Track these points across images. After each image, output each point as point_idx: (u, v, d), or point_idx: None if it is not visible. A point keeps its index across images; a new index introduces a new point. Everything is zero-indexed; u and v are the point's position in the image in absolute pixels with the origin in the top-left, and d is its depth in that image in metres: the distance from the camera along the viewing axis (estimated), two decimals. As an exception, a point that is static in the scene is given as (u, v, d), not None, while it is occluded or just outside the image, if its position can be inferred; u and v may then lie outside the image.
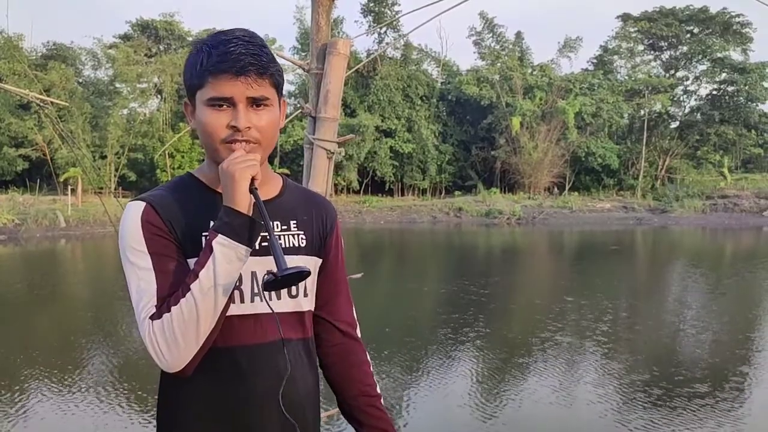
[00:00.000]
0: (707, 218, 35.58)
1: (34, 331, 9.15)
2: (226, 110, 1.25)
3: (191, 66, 1.27)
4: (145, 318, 1.20)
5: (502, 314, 10.47)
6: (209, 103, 1.25)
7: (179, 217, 1.29)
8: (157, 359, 1.21)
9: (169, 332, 1.18)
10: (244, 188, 1.21)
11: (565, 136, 40.91)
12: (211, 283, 1.19)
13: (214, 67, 1.23)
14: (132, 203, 1.30)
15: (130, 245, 1.26)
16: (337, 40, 2.23)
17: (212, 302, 1.19)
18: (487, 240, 27.01)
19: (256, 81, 1.25)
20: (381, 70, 42.63)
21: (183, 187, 1.36)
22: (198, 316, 1.19)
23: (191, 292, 1.19)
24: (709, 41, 41.71)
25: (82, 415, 5.62)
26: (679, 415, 5.45)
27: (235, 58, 1.22)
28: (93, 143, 38.47)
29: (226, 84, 1.23)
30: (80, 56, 43.25)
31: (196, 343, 1.20)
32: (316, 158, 2.24)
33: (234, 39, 1.25)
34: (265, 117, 1.28)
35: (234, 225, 1.20)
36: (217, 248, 1.19)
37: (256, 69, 1.24)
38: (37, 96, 4.07)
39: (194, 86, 1.27)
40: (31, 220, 26.74)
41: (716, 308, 10.90)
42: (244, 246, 1.22)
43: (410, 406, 5.82)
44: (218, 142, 1.26)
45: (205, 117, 1.26)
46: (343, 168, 39.28)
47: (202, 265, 1.20)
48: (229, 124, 1.25)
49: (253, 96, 1.25)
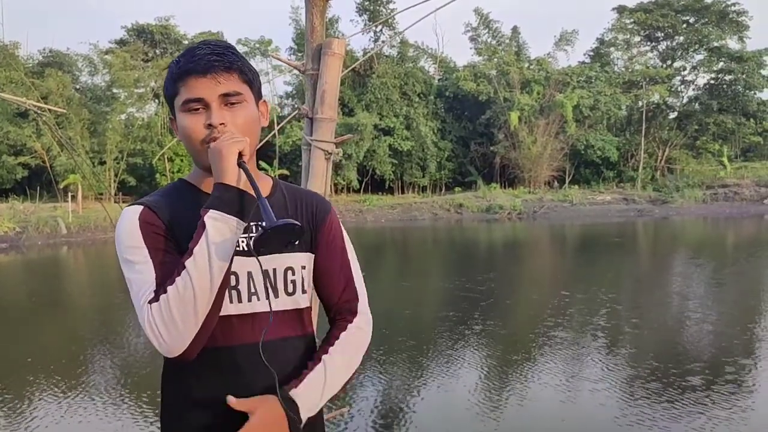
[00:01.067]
0: (708, 208, 35.55)
1: (39, 338, 9.15)
2: (201, 112, 1.28)
3: (167, 79, 1.32)
4: (144, 303, 1.21)
5: (504, 309, 10.47)
6: (184, 107, 1.28)
7: (176, 218, 1.31)
8: (157, 343, 1.21)
9: (166, 313, 1.19)
10: (232, 162, 1.23)
11: (563, 129, 40.89)
12: (206, 257, 1.19)
13: (181, 70, 1.28)
14: (128, 208, 1.31)
15: (127, 246, 1.27)
16: (332, 39, 2.23)
17: (207, 278, 1.20)
18: (489, 235, 27.00)
19: (222, 76, 1.28)
20: (378, 68, 42.61)
21: (176, 192, 1.38)
22: (195, 294, 1.19)
23: (186, 269, 1.19)
24: (706, 30, 41.65)
25: (87, 423, 5.62)
26: (684, 406, 5.45)
27: (200, 58, 1.27)
28: (92, 149, 38.49)
29: (195, 84, 1.27)
30: (77, 63, 43.24)
31: (195, 324, 1.20)
32: (314, 159, 2.24)
33: (200, 45, 1.30)
34: (241, 114, 1.30)
35: (224, 198, 1.22)
36: (209, 222, 1.21)
37: (221, 65, 1.28)
38: (34, 104, 4.06)
39: (170, 96, 1.32)
40: (33, 228, 26.75)
41: (719, 299, 10.89)
42: (236, 218, 1.23)
43: (415, 401, 5.81)
44: (198, 144, 1.29)
45: (183, 122, 1.29)
46: (342, 167, 39.27)
47: (195, 241, 1.21)
48: (205, 123, 1.27)
49: (224, 92, 1.28)
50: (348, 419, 5.42)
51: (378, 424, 5.36)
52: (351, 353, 1.40)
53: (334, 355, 1.37)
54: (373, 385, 6.40)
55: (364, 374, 6.75)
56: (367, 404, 5.82)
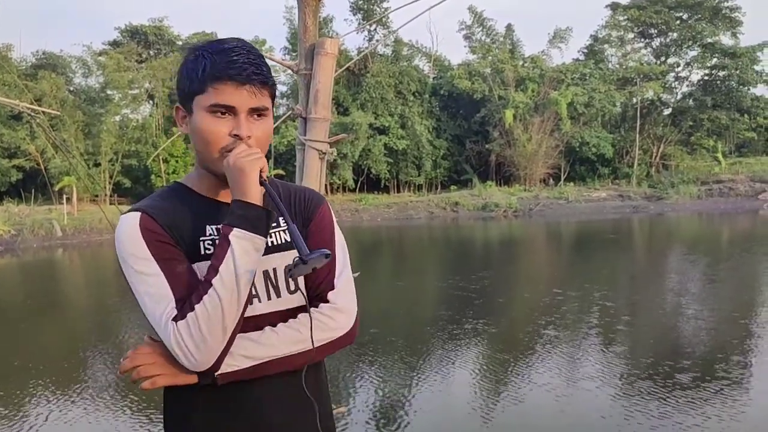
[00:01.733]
0: (703, 204, 35.64)
1: (35, 341, 9.13)
2: (227, 118, 1.26)
3: (191, 71, 1.27)
4: (168, 321, 1.21)
5: (499, 308, 10.49)
6: (211, 109, 1.25)
7: (176, 222, 1.30)
8: (186, 359, 1.21)
9: (195, 331, 1.19)
10: (255, 180, 1.23)
11: (558, 126, 40.90)
12: (232, 276, 1.20)
13: (220, 73, 1.24)
14: (126, 215, 1.30)
15: (132, 255, 1.25)
16: (324, 39, 2.23)
17: (235, 295, 1.21)
18: (485, 233, 27.03)
19: (259, 91, 1.27)
20: (372, 67, 42.55)
21: (174, 195, 1.36)
22: (223, 311, 1.19)
23: (214, 287, 1.20)
24: (699, 27, 41.67)
25: (85, 424, 5.61)
26: (678, 402, 5.47)
27: (240, 66, 1.24)
28: (86, 151, 38.34)
29: (230, 92, 1.24)
30: (70, 64, 43.01)
31: (223, 339, 1.22)
32: (309, 159, 2.24)
33: (236, 48, 1.26)
34: (263, 127, 1.30)
35: (249, 216, 1.22)
36: (235, 241, 1.21)
37: (259, 79, 1.26)
38: (28, 106, 4.05)
39: (193, 92, 1.27)
40: (28, 231, 26.64)
41: (714, 295, 10.93)
42: (261, 237, 1.23)
43: (412, 399, 5.82)
44: (217, 150, 1.27)
45: (205, 124, 1.26)
46: (338, 167, 39.22)
47: (220, 259, 1.21)
48: (231, 132, 1.26)
49: (255, 106, 1.27)
50: (347, 416, 5.43)
51: (376, 421, 5.37)
52: (301, 330, 1.33)
53: (279, 327, 1.33)
54: (371, 384, 6.41)
55: (361, 373, 6.76)
56: (365, 402, 5.83)
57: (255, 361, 1.29)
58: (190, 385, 1.28)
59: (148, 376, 1.26)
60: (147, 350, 1.28)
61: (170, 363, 1.25)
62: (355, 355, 7.32)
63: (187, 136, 1.35)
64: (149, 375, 1.26)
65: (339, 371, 6.77)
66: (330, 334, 1.36)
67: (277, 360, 1.31)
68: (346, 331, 1.39)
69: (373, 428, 5.22)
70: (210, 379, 1.27)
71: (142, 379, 1.27)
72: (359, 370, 6.87)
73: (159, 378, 1.26)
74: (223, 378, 1.27)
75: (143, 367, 1.26)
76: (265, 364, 1.30)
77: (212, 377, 1.26)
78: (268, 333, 1.31)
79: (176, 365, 1.25)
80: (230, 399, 1.31)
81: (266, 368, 1.30)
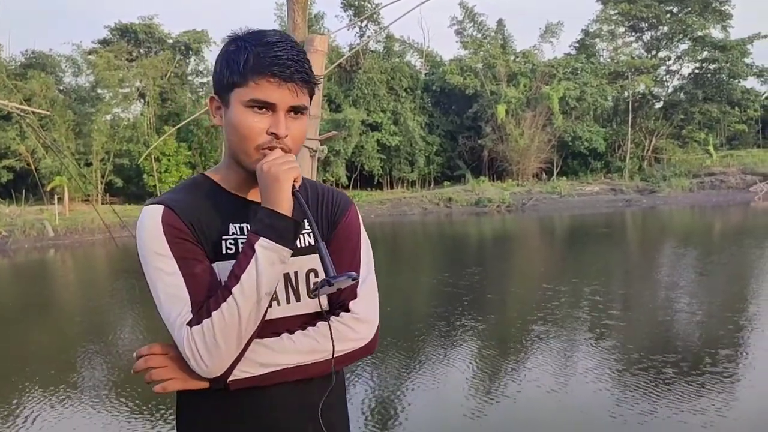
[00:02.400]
0: (695, 196, 35.81)
1: (29, 342, 9.09)
2: (266, 114, 1.22)
3: (232, 62, 1.23)
4: (182, 325, 1.19)
5: (494, 303, 10.51)
6: (250, 104, 1.22)
7: (199, 219, 1.26)
8: (197, 365, 1.19)
9: (209, 338, 1.16)
10: (288, 190, 1.19)
11: (550, 121, 40.98)
12: (254, 286, 1.16)
13: (263, 68, 1.20)
14: (149, 207, 1.26)
15: (152, 250, 1.22)
16: (314, 36, 2.22)
17: (255, 306, 1.18)
18: (478, 229, 27.07)
19: (301, 89, 1.24)
20: (364, 63, 42.49)
21: (198, 189, 1.33)
22: (240, 321, 1.17)
23: (233, 296, 1.16)
24: (689, 20, 41.79)
25: (82, 425, 5.59)
26: (671, 394, 5.49)
27: (284, 63, 1.20)
28: (77, 151, 38.11)
29: (273, 89, 1.21)
30: (60, 64, 42.70)
31: (237, 347, 1.19)
32: (300, 157, 2.22)
33: (280, 42, 1.22)
34: (300, 127, 1.26)
35: (278, 227, 1.18)
36: (260, 251, 1.17)
37: (301, 78, 1.23)
38: (17, 106, 4.02)
39: (232, 83, 1.23)
40: (19, 231, 26.49)
41: (706, 287, 10.99)
42: (287, 249, 1.20)
43: (408, 395, 5.82)
44: (253, 147, 1.23)
45: (243, 118, 1.23)
46: (330, 164, 39.17)
47: (242, 268, 1.17)
48: (268, 130, 1.22)
49: (295, 105, 1.23)
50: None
51: (373, 418, 5.36)
52: (319, 340, 1.29)
53: (297, 335, 1.30)
54: (365, 380, 6.41)
55: (355, 369, 6.75)
56: (359, 399, 5.83)
57: (269, 369, 1.26)
58: (203, 390, 1.26)
59: (160, 380, 1.24)
60: (160, 353, 1.26)
61: (182, 368, 1.23)
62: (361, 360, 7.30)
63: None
64: (161, 379, 1.24)
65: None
66: (349, 345, 1.32)
67: (291, 368, 1.27)
68: (367, 342, 1.36)
69: (368, 424, 5.22)
70: (222, 384, 1.24)
71: (155, 382, 1.25)
72: (354, 365, 6.87)
73: (170, 382, 1.25)
74: (235, 384, 1.25)
75: (155, 371, 1.25)
76: (278, 372, 1.27)
77: (224, 383, 1.24)
78: (285, 341, 1.28)
79: (188, 370, 1.22)
80: (242, 405, 1.28)
81: (280, 376, 1.27)
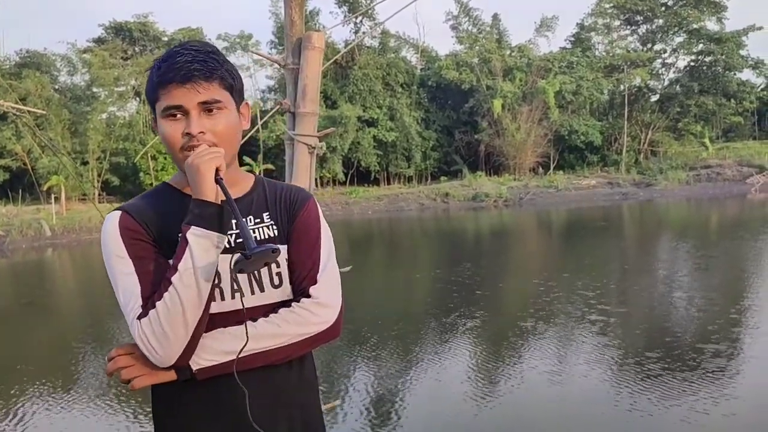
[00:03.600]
0: (691, 189, 35.87)
1: (27, 341, 9.09)
2: (181, 119, 1.30)
3: (149, 81, 1.33)
4: (134, 319, 1.25)
5: (492, 297, 10.53)
6: (164, 114, 1.30)
7: (155, 220, 1.33)
8: (150, 355, 1.25)
9: (156, 327, 1.23)
10: (210, 179, 1.25)
11: (547, 115, 40.98)
12: (191, 273, 1.23)
13: (162, 77, 1.29)
14: (110, 214, 1.35)
15: (112, 253, 1.30)
16: (311, 33, 2.23)
17: (195, 291, 1.23)
18: (476, 224, 27.09)
19: (202, 85, 1.29)
20: (360, 59, 42.43)
21: (157, 195, 1.41)
22: (183, 307, 1.23)
23: (173, 285, 1.23)
24: (684, 12, 41.76)
25: (79, 424, 5.60)
26: (671, 389, 5.52)
27: (180, 66, 1.27)
28: (73, 150, 38.02)
29: (175, 92, 1.28)
30: (55, 63, 42.57)
31: (185, 334, 1.24)
32: (298, 154, 2.24)
33: (182, 50, 1.30)
34: (222, 121, 1.32)
35: (204, 215, 1.25)
36: (192, 239, 1.24)
37: (201, 74, 1.28)
38: (12, 105, 4.01)
39: (152, 101, 1.33)
40: (16, 231, 26.47)
41: (703, 280, 11.02)
42: (217, 233, 1.26)
43: (405, 390, 5.84)
44: (177, 151, 1.31)
45: (163, 128, 1.31)
46: (327, 160, 39.14)
47: (179, 258, 1.25)
48: (183, 131, 1.29)
49: (203, 100, 1.29)
50: (340, 410, 5.45)
51: (371, 414, 5.39)
52: (281, 325, 1.34)
53: (259, 322, 1.34)
54: (364, 376, 6.43)
55: (353, 365, 6.78)
56: (358, 395, 5.85)
57: (233, 356, 1.30)
58: (173, 382, 1.31)
59: (130, 378, 1.29)
60: (125, 353, 1.31)
61: (147, 364, 1.28)
62: (347, 348, 7.33)
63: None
64: (131, 377, 1.29)
65: (331, 365, 6.78)
66: (311, 329, 1.36)
67: (254, 354, 1.32)
68: (329, 325, 1.39)
69: (366, 420, 5.24)
70: (188, 374, 1.29)
71: (128, 381, 1.30)
72: (351, 362, 6.89)
73: (139, 379, 1.30)
74: (202, 373, 1.30)
75: (124, 371, 1.30)
76: (243, 359, 1.30)
77: (190, 373, 1.29)
78: (247, 327, 1.32)
79: (153, 365, 1.28)
80: (211, 394, 1.34)
81: (245, 363, 1.30)
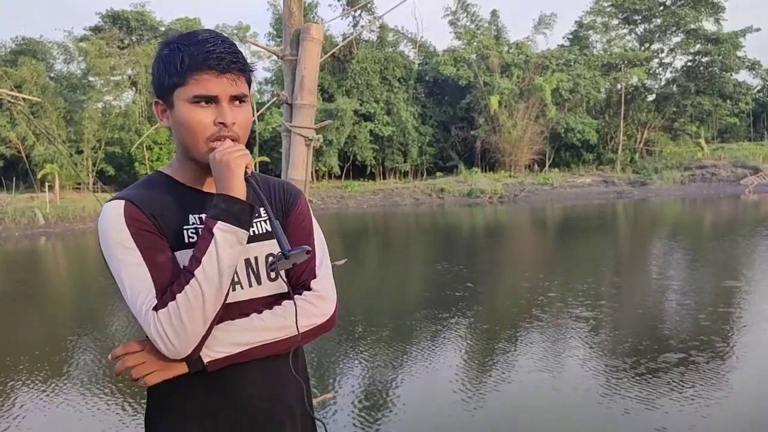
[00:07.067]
0: (686, 189, 35.98)
1: (18, 330, 9.07)
2: (210, 107, 1.29)
3: (169, 65, 1.30)
4: (147, 310, 1.24)
5: (486, 294, 10.56)
6: (194, 100, 1.28)
7: (160, 211, 1.32)
8: (165, 348, 1.25)
9: (176, 319, 1.22)
10: (240, 176, 1.27)
11: (543, 113, 41.01)
12: (215, 268, 1.24)
13: (200, 64, 1.27)
14: (110, 203, 1.31)
15: (117, 243, 1.27)
16: (310, 25, 2.22)
17: (217, 286, 1.25)
18: (471, 220, 27.12)
19: (238, 78, 1.31)
20: (357, 53, 42.34)
21: (156, 184, 1.39)
22: (204, 301, 1.23)
23: (195, 278, 1.23)
24: (682, 13, 41.82)
25: (73, 416, 5.60)
26: (664, 386, 5.55)
27: (218, 56, 1.27)
28: (68, 138, 37.84)
29: (211, 82, 1.27)
30: (51, 50, 42.35)
31: (203, 327, 1.25)
32: (295, 146, 2.24)
33: (210, 39, 1.29)
34: (244, 113, 1.34)
35: (233, 211, 1.25)
36: (219, 234, 1.24)
37: (237, 67, 1.30)
38: (8, 92, 3.99)
39: (173, 85, 1.29)
40: (9, 219, 26.35)
41: (696, 279, 11.07)
42: (244, 230, 1.27)
43: (399, 384, 5.86)
44: (203, 140, 1.30)
45: (190, 115, 1.29)
46: (323, 154, 39.08)
47: (203, 251, 1.24)
48: (215, 120, 1.29)
49: (235, 94, 1.31)
50: (334, 403, 5.46)
51: (364, 407, 5.40)
52: (287, 317, 1.37)
53: (265, 314, 1.38)
54: (358, 369, 6.44)
55: (348, 359, 6.79)
56: (352, 388, 5.86)
57: (243, 347, 1.33)
58: (180, 376, 1.32)
59: (142, 375, 1.30)
60: (137, 350, 1.31)
61: (160, 359, 1.29)
62: (342, 341, 7.35)
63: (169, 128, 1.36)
64: (143, 374, 1.30)
65: (325, 358, 6.79)
66: (313, 320, 1.41)
67: (262, 346, 1.35)
68: (328, 317, 1.45)
69: (361, 413, 5.26)
70: (199, 366, 1.30)
71: (139, 379, 1.31)
72: (346, 356, 6.90)
73: (152, 375, 1.30)
74: (213, 365, 1.31)
75: (136, 369, 1.30)
76: (252, 350, 1.34)
77: (202, 365, 1.30)
78: (255, 320, 1.35)
79: (166, 359, 1.28)
80: (217, 384, 1.35)
81: (253, 353, 1.34)
